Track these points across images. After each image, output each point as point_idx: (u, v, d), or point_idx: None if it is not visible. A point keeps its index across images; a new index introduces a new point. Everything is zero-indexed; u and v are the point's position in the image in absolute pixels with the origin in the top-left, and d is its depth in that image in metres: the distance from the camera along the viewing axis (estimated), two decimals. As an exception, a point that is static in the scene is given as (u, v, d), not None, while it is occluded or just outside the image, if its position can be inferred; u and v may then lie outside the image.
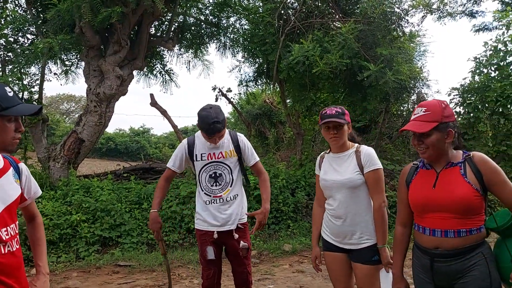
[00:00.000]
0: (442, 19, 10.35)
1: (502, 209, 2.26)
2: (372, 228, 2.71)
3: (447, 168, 2.20)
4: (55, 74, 9.83)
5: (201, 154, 3.26)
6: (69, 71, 10.00)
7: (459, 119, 9.28)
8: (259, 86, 11.37)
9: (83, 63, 8.81)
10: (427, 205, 2.18)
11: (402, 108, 10.97)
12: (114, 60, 8.14)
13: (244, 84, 10.53)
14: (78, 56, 9.74)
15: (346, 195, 2.71)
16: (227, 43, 10.23)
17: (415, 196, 2.25)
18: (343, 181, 2.71)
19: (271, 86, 10.26)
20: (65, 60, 9.86)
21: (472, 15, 12.94)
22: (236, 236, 3.27)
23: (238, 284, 3.39)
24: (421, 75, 8.97)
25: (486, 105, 8.87)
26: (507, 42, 9.14)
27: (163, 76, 10.74)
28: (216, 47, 10.40)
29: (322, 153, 3.00)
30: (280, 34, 8.23)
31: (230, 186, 3.29)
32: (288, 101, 10.93)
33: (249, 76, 10.46)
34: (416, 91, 9.19)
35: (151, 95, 9.12)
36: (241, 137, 3.42)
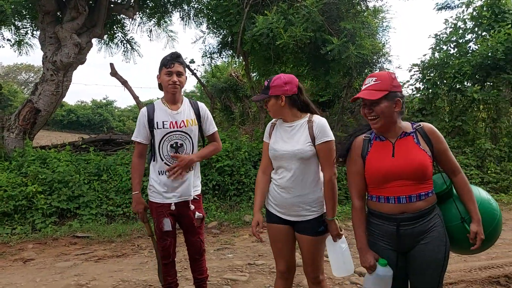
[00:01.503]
0: (405, -5, 10.45)
1: (437, 174, 2.40)
2: (319, 200, 2.69)
3: (401, 138, 2.29)
4: (8, 40, 9.35)
5: (163, 122, 3.14)
6: (23, 42, 9.52)
7: (418, 94, 9.54)
8: (224, 59, 11.24)
9: (38, 32, 8.41)
10: (389, 174, 2.25)
11: (364, 83, 11.11)
12: (71, 27, 7.81)
13: (208, 56, 10.37)
14: (34, 24, 9.27)
15: (296, 166, 2.66)
16: (191, 13, 9.99)
17: (376, 168, 2.29)
18: (294, 152, 2.64)
19: (236, 58, 10.15)
20: (19, 27, 9.37)
21: (435, -8, 13.26)
22: (192, 207, 3.24)
23: (192, 253, 3.38)
24: (383, 51, 9.09)
25: (444, 81, 9.15)
26: (466, 20, 9.40)
27: (125, 45, 10.42)
28: (179, 16, 10.11)
29: (273, 120, 2.89)
30: (245, 5, 8.10)
31: None
32: (253, 74, 10.87)
33: (214, 48, 10.30)
34: (378, 66, 9.31)
35: (111, 65, 8.85)
36: (202, 105, 3.37)
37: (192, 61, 9.34)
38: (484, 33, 9.13)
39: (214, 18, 9.03)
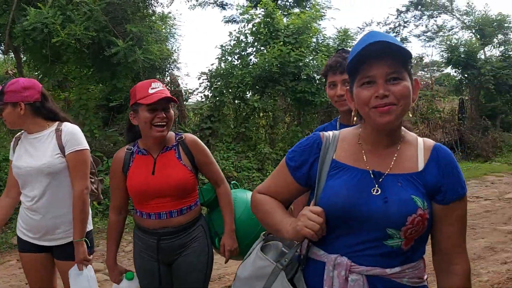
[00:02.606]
0: (194, 6, 10.82)
1: (207, 184, 2.43)
2: None
3: (163, 152, 2.21)
4: None
5: None
6: None
7: (207, 102, 9.93)
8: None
9: None
10: (148, 193, 2.15)
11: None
12: None
13: (-33, 49, 8.72)
14: None
15: (46, 184, 2.34)
16: None
17: (135, 184, 2.17)
18: (40, 167, 2.32)
19: (5, 54, 8.82)
20: None
21: (222, 6, 14.18)
22: None
23: None
24: (173, 57, 9.15)
25: (230, 90, 9.73)
26: (248, 35, 10.22)
27: None
28: None
29: (18, 134, 2.53)
30: (13, -6, 7.07)
31: None
32: (35, 73, 9.66)
33: (-25, 40, 8.69)
34: (168, 73, 9.35)
35: None
36: None
37: None
38: (262, 48, 10.07)
39: (-27, 4, 7.63)
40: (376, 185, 1.33)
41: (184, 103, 10.02)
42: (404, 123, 1.44)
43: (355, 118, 1.40)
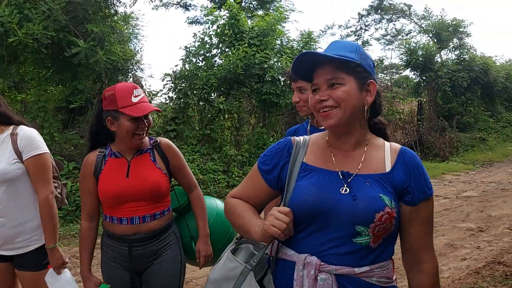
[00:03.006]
0: (157, 7, 10.67)
1: (177, 188, 2.39)
2: (41, 227, 2.32)
3: (138, 155, 2.17)
4: None
5: None
6: None
7: (171, 104, 9.82)
8: None
9: None
10: (122, 196, 2.09)
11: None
12: None
13: None
14: None
15: (3, 191, 2.22)
16: None
17: (108, 188, 2.11)
18: None
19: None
20: None
21: (186, 7, 14.04)
22: None
23: None
24: (136, 58, 8.99)
25: (194, 92, 9.66)
26: (212, 36, 10.18)
27: None
28: None
29: None
30: (-34, -9, 6.74)
31: None
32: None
33: None
34: (131, 74, 9.16)
35: None
36: None
37: None
38: (227, 49, 10.05)
39: None
40: (345, 185, 1.37)
41: (148, 105, 9.84)
42: (386, 130, 1.52)
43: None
